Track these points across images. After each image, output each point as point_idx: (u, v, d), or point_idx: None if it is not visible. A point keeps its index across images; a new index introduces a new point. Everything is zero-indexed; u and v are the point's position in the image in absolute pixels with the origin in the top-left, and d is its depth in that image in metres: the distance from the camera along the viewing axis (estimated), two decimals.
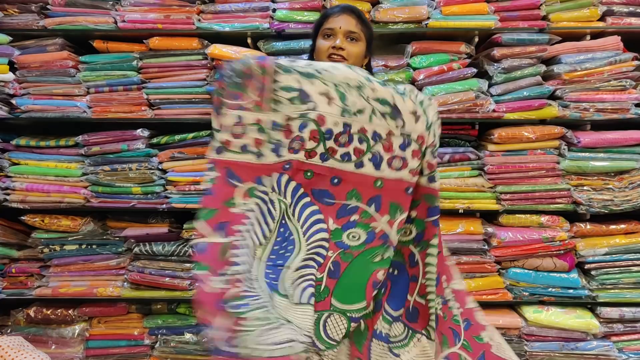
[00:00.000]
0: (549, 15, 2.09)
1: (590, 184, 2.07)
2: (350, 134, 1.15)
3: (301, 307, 1.16)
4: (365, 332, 1.22)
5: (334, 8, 1.46)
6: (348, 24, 1.41)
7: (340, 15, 1.42)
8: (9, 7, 2.09)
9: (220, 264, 1.13)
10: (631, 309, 2.08)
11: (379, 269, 1.19)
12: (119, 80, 2.10)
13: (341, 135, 1.15)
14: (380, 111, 1.15)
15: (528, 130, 2.05)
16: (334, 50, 1.40)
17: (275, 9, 2.10)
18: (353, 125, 1.15)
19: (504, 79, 2.07)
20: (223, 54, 2.02)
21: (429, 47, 2.10)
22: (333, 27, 1.41)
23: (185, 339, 2.19)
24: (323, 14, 1.47)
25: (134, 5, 2.09)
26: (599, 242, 2.08)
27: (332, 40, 1.41)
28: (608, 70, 2.05)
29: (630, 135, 2.05)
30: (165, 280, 2.13)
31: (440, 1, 2.07)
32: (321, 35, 1.45)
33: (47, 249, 2.18)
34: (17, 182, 2.13)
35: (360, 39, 1.43)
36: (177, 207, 2.11)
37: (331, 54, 1.41)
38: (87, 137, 2.11)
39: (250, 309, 1.11)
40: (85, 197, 2.13)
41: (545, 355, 2.08)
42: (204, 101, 2.12)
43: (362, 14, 1.45)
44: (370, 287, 1.18)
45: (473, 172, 2.12)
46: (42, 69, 2.08)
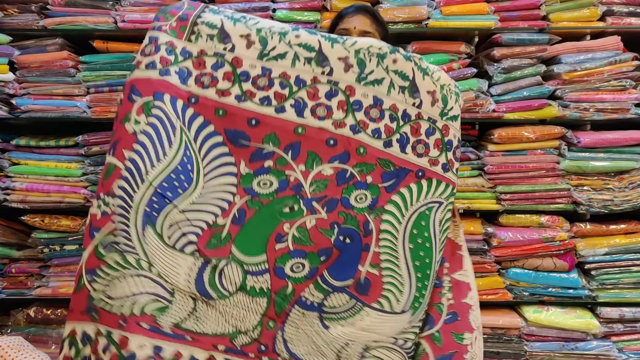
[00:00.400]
0: (549, 15, 2.09)
1: (590, 184, 2.07)
2: (270, 78, 1.13)
3: (172, 252, 1.09)
4: (291, 296, 1.14)
5: (348, 8, 1.45)
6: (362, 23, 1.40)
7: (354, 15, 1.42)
8: (9, 7, 2.09)
9: (101, 188, 1.09)
10: (631, 309, 2.08)
11: (286, 222, 1.14)
12: (119, 80, 2.09)
13: (259, 79, 1.13)
14: (305, 56, 1.13)
15: (528, 130, 2.05)
16: None
17: (275, 9, 2.10)
18: (273, 69, 1.13)
19: (504, 79, 2.07)
20: None
21: (429, 47, 2.10)
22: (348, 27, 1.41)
23: None
24: (338, 15, 1.47)
25: (134, 5, 2.09)
26: (599, 242, 2.08)
27: None
28: (608, 70, 2.05)
29: (630, 135, 2.05)
30: None
31: (440, 1, 2.07)
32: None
33: (47, 249, 2.17)
34: (17, 182, 2.12)
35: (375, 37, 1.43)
36: None
37: None
38: (87, 137, 2.11)
39: (111, 251, 1.06)
40: (85, 197, 2.13)
41: (545, 355, 2.08)
42: None
43: (376, 13, 1.44)
44: (272, 240, 1.13)
45: (473, 172, 2.12)
46: (42, 69, 2.08)
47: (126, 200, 1.06)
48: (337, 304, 1.17)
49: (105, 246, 1.06)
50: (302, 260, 1.14)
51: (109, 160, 1.09)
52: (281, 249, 1.13)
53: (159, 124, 1.09)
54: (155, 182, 1.08)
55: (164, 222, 1.08)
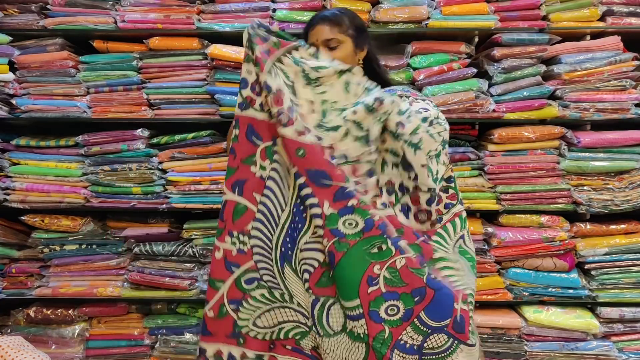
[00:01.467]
0: (549, 15, 2.09)
1: (590, 184, 2.07)
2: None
3: (302, 285, 1.19)
4: (388, 341, 1.14)
5: (311, 20, 1.46)
6: (323, 33, 1.41)
7: (315, 27, 1.43)
8: (9, 7, 2.09)
9: (232, 226, 1.18)
10: (631, 309, 2.08)
11: (375, 263, 1.13)
12: (119, 80, 2.10)
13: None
14: (355, 135, 1.17)
15: (528, 130, 2.05)
16: None
17: (275, 9, 2.10)
18: (324, 138, 1.16)
19: (504, 79, 2.07)
20: (223, 54, 2.02)
21: (429, 47, 2.10)
22: (313, 41, 1.43)
23: (185, 339, 2.19)
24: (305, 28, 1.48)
25: (134, 5, 2.09)
26: (599, 242, 2.08)
27: None
28: (608, 70, 2.04)
29: (630, 135, 2.05)
30: (165, 280, 2.13)
31: (440, 1, 2.07)
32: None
33: (47, 249, 2.18)
34: (17, 182, 2.13)
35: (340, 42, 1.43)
36: (177, 207, 2.12)
37: None
38: (87, 137, 2.11)
39: (255, 287, 1.18)
40: (85, 197, 2.13)
41: (545, 355, 2.08)
42: (204, 101, 2.12)
43: (336, 16, 1.43)
44: (364, 283, 1.13)
45: (473, 172, 2.12)
46: (42, 69, 2.08)
47: (264, 241, 1.19)
48: (436, 345, 1.16)
49: (248, 281, 1.20)
50: (396, 302, 1.14)
51: (235, 199, 1.18)
52: (374, 291, 1.13)
53: (280, 169, 1.19)
54: (285, 224, 1.19)
55: (295, 259, 1.19)
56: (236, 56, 2.01)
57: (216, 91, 2.07)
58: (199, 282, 2.14)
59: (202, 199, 2.11)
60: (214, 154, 2.12)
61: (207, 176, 2.11)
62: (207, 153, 2.12)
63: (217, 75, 2.07)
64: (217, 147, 2.11)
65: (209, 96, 2.10)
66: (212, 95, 2.09)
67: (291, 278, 1.20)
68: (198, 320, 2.21)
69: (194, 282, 2.14)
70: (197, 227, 2.16)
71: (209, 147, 2.11)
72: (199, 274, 2.15)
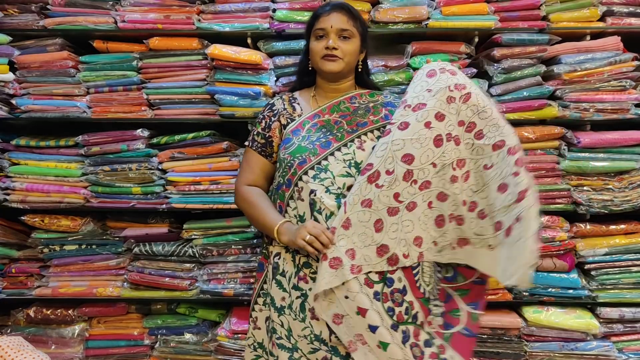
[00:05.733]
0: (549, 16, 2.08)
1: (590, 184, 2.07)
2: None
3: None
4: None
5: (324, 7, 1.44)
6: (339, 21, 1.39)
7: (330, 13, 1.40)
8: (9, 7, 2.09)
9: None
10: (631, 309, 2.08)
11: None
12: (119, 81, 2.10)
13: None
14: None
15: (528, 130, 2.05)
16: (327, 52, 1.39)
17: (275, 9, 2.10)
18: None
19: (504, 79, 2.06)
20: (223, 54, 2.02)
21: (429, 47, 2.10)
22: (324, 26, 1.39)
23: (185, 339, 2.18)
24: (313, 14, 1.45)
25: (134, 6, 2.09)
26: (598, 242, 2.08)
27: (324, 40, 1.40)
28: (608, 71, 2.04)
29: (630, 135, 2.05)
30: (165, 281, 2.13)
31: (440, 1, 2.06)
32: (314, 36, 1.44)
33: (47, 249, 2.18)
34: (17, 182, 2.13)
35: (353, 35, 1.42)
36: (176, 207, 2.11)
37: (325, 55, 1.40)
38: (87, 137, 2.11)
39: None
40: (85, 197, 2.13)
41: (545, 356, 2.08)
42: (203, 101, 2.12)
43: (352, 9, 1.42)
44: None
45: None
46: (42, 69, 2.08)
47: None
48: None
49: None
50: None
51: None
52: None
53: None
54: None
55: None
56: (236, 56, 2.01)
57: (216, 91, 2.07)
58: (199, 282, 2.14)
59: (202, 199, 2.11)
60: (214, 154, 2.12)
61: (207, 176, 2.11)
62: (207, 153, 2.12)
63: (217, 75, 2.07)
64: (217, 147, 2.11)
65: (209, 96, 2.10)
66: (212, 95, 2.09)
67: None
68: (197, 320, 2.21)
69: (194, 282, 2.14)
70: (197, 227, 2.16)
71: (209, 147, 2.11)
72: (198, 274, 2.15)
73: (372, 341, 1.27)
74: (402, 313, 1.30)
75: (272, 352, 1.44)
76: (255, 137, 1.51)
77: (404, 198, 1.29)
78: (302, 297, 1.37)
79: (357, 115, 1.46)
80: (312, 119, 1.46)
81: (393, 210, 1.29)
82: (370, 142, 1.40)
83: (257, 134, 1.51)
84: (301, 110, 1.50)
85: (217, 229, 2.14)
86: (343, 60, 1.41)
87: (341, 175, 1.36)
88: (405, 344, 1.28)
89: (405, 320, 1.30)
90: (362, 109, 1.48)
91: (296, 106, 1.51)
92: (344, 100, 1.49)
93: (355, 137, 1.41)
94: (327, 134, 1.42)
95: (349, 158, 1.38)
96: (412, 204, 1.30)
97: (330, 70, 1.42)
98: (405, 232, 1.30)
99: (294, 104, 1.51)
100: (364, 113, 1.47)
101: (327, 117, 1.45)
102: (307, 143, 1.40)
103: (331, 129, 1.43)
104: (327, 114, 1.46)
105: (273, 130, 1.48)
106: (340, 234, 1.29)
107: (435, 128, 1.31)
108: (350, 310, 1.28)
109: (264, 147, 1.50)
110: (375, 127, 1.44)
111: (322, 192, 1.34)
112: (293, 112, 1.49)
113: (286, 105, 1.51)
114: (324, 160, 1.37)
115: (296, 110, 1.50)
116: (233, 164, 2.10)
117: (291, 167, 1.39)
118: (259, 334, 1.49)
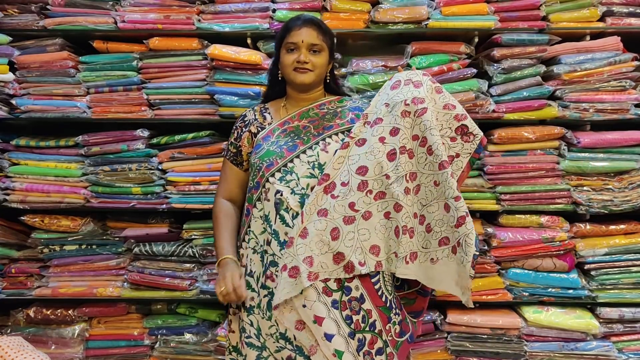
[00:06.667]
0: (548, 16, 2.09)
1: (590, 185, 2.07)
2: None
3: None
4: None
5: (295, 20, 1.49)
6: (310, 37, 1.45)
7: (302, 28, 1.45)
8: (9, 7, 2.09)
9: None
10: (631, 309, 2.08)
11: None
12: (119, 81, 2.10)
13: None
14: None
15: (528, 130, 2.05)
16: (299, 65, 1.45)
17: (275, 10, 2.10)
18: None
19: (504, 80, 2.07)
20: (223, 54, 2.02)
21: (428, 48, 2.10)
22: (296, 40, 1.45)
23: (185, 339, 2.18)
24: (284, 27, 1.51)
25: (133, 6, 2.09)
26: (598, 242, 2.08)
27: (296, 54, 1.46)
28: (608, 71, 2.04)
29: (630, 135, 2.05)
30: (165, 281, 2.13)
31: (440, 1, 2.07)
32: (285, 49, 1.49)
33: (46, 249, 2.18)
34: (17, 182, 2.13)
35: (323, 49, 1.48)
36: (176, 207, 2.12)
37: (296, 68, 1.46)
38: (87, 138, 2.11)
39: None
40: (85, 197, 2.13)
41: (545, 356, 2.08)
42: (203, 101, 2.12)
43: (322, 24, 1.49)
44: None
45: (473, 173, 2.12)
46: (42, 69, 2.09)
47: None
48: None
49: None
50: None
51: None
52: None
53: None
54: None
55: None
56: (236, 56, 2.01)
57: (216, 91, 2.07)
58: (199, 283, 2.14)
59: (201, 199, 2.11)
60: (214, 154, 2.12)
61: (207, 176, 2.11)
62: (207, 153, 2.12)
63: (217, 75, 2.07)
64: (216, 147, 2.11)
65: (209, 96, 2.10)
66: (212, 96, 2.09)
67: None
68: (197, 320, 2.21)
69: (194, 282, 2.14)
70: (196, 228, 2.16)
71: (209, 147, 2.11)
72: (198, 274, 2.15)
73: (328, 350, 1.29)
74: (359, 321, 1.32)
75: (241, 351, 1.47)
76: (229, 147, 1.57)
77: (359, 207, 1.33)
78: (268, 295, 1.40)
79: (324, 120, 1.51)
80: (282, 125, 1.51)
81: (349, 219, 1.33)
82: (334, 144, 1.45)
83: (230, 144, 1.57)
84: (271, 119, 1.55)
85: None
86: (314, 72, 1.47)
87: (305, 176, 1.41)
88: (359, 352, 1.31)
89: (362, 329, 1.32)
90: (329, 114, 1.53)
91: (267, 115, 1.57)
92: (313, 107, 1.54)
93: (320, 140, 1.46)
94: (295, 138, 1.47)
95: (313, 160, 1.42)
96: (368, 213, 1.33)
97: (302, 81, 1.47)
98: (362, 240, 1.33)
99: (265, 114, 1.57)
100: (331, 117, 1.52)
101: (297, 123, 1.51)
102: (276, 147, 1.45)
103: (299, 134, 1.48)
104: (296, 120, 1.52)
105: (242, 140, 1.54)
106: (298, 243, 1.32)
107: (389, 143, 1.36)
108: (307, 318, 1.31)
109: (236, 156, 1.55)
110: (340, 130, 1.48)
111: (288, 193, 1.39)
112: (264, 121, 1.55)
113: (257, 115, 1.57)
114: (289, 162, 1.42)
115: (266, 119, 1.55)
116: None
117: (259, 170, 1.44)
118: (233, 338, 1.51)
